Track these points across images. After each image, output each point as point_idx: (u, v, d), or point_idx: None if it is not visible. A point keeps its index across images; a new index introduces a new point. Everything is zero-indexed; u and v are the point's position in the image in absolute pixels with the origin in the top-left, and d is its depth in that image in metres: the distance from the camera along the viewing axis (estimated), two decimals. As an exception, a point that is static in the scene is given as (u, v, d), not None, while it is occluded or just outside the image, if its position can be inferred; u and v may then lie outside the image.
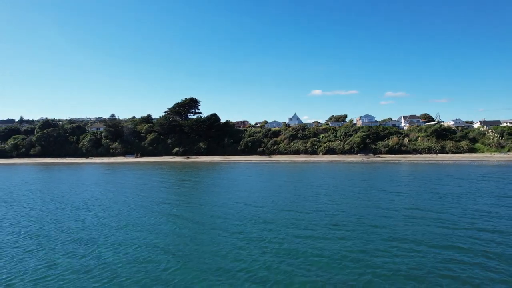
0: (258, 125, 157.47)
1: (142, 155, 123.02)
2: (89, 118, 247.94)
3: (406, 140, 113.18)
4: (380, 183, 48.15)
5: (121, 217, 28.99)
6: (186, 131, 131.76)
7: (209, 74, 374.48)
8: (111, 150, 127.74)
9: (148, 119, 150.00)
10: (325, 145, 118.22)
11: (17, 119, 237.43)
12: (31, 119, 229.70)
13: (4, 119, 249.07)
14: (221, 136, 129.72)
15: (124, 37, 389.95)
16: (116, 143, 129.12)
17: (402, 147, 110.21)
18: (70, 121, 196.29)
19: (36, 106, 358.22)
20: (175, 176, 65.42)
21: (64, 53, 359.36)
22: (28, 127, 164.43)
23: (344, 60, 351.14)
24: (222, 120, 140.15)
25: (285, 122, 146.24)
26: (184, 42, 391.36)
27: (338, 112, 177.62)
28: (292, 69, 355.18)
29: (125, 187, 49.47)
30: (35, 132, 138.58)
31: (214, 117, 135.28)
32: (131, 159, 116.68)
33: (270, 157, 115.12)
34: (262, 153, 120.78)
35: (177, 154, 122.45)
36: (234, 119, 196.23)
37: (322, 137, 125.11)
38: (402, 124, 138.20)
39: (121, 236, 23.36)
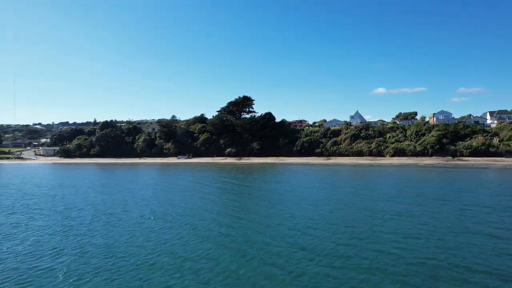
0: (316, 124, 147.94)
1: (194, 156, 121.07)
2: (153, 119, 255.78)
3: (495, 140, 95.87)
4: (484, 196, 37.27)
5: (125, 236, 23.31)
6: (239, 131, 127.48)
7: (265, 72, 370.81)
8: (164, 151, 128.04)
9: (201, 119, 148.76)
10: (392, 145, 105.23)
11: (92, 120, 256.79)
12: (102, 121, 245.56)
13: (84, 121, 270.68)
14: (276, 136, 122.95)
15: (180, 39, 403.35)
16: (169, 144, 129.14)
17: (490, 148, 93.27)
18: (130, 122, 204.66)
19: (109, 109, 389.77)
20: (222, 179, 60.00)
21: (134, 59, 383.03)
22: (92, 128, 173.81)
23: (409, 56, 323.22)
24: (277, 119, 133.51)
25: (346, 121, 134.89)
26: (240, 40, 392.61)
27: (404, 111, 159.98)
28: (353, 68, 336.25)
29: (163, 190, 45.34)
30: (96, 133, 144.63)
31: (268, 116, 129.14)
32: (182, 160, 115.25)
33: (329, 158, 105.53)
34: (320, 154, 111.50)
35: (229, 155, 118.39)
36: (290, 118, 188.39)
37: (389, 136, 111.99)
38: (488, 121, 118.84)
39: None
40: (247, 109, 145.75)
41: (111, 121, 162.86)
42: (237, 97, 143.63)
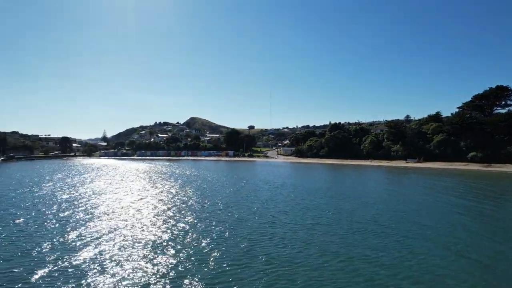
0: None
1: (426, 160, 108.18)
2: (385, 120, 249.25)
3: None
4: None
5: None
6: (488, 130, 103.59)
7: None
8: (391, 153, 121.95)
9: (436, 117, 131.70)
10: None
11: (327, 123, 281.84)
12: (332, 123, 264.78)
13: (321, 124, 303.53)
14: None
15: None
16: (398, 146, 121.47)
17: None
18: (358, 124, 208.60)
19: (342, 111, 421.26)
20: (474, 192, 47.10)
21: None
22: (322, 131, 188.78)
23: None
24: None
25: None
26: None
27: None
28: None
29: (398, 200, 41.83)
30: (326, 135, 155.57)
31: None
32: (412, 164, 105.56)
33: None
34: None
35: (473, 160, 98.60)
36: None
37: None
38: None
39: None
40: (503, 102, 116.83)
41: (339, 123, 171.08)
42: (488, 88, 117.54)
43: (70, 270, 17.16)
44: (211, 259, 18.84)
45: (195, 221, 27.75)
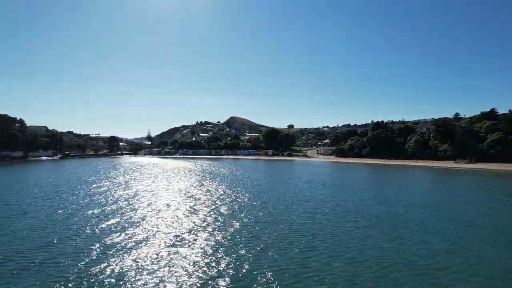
0: None
1: (478, 161, 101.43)
2: (432, 118, 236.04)
3: None
4: None
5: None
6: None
7: None
8: (439, 153, 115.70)
9: (490, 115, 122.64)
10: None
11: (369, 122, 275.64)
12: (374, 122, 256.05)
13: (363, 123, 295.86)
14: None
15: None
16: (445, 145, 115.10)
17: None
18: (403, 122, 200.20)
19: (385, 110, 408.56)
20: None
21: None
22: (364, 129, 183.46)
23: None
24: None
25: None
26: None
27: None
28: None
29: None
30: (368, 134, 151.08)
31: None
32: (462, 165, 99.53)
33: None
34: None
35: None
36: None
37: None
38: None
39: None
40: None
41: (382, 122, 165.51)
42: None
43: (128, 266, 18.14)
44: (267, 258, 19.01)
45: (246, 221, 28.16)
